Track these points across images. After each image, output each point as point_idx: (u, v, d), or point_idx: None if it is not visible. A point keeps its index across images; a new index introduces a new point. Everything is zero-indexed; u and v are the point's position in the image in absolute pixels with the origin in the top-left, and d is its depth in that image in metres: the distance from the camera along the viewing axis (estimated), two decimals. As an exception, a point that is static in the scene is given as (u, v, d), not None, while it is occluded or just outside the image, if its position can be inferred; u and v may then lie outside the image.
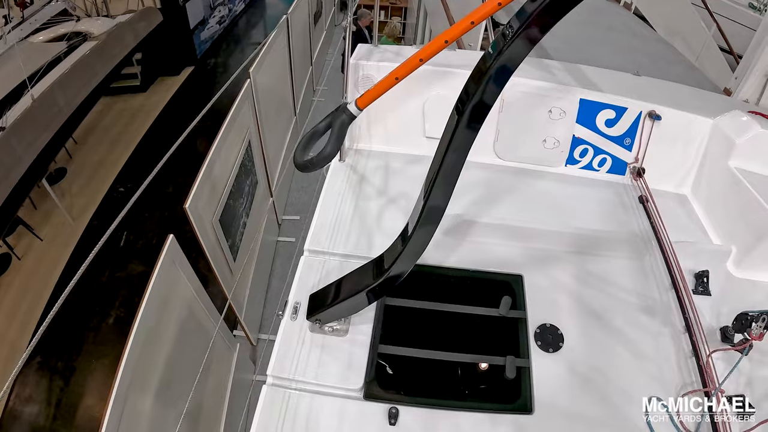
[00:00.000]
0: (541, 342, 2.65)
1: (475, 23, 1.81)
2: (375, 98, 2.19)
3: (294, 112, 8.46)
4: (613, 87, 3.75)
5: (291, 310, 2.63)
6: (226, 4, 17.81)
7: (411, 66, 2.08)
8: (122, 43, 11.55)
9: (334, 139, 2.23)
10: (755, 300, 3.14)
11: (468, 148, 1.98)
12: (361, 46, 3.78)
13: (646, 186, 3.70)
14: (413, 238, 2.17)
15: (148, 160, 10.70)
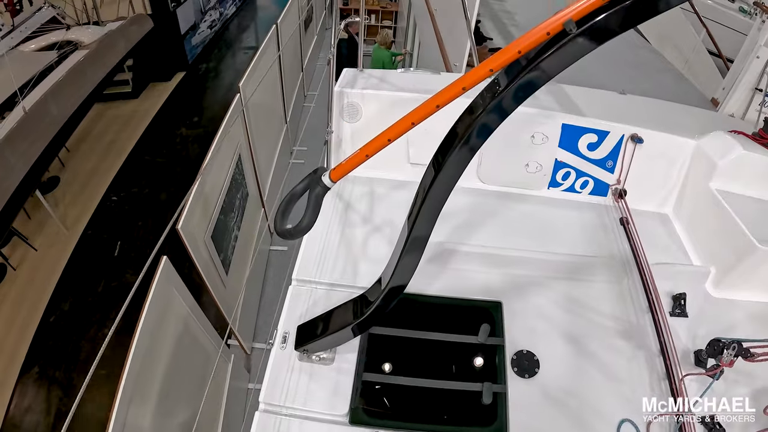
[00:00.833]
0: (518, 368, 2.73)
1: (440, 106, 1.85)
2: (348, 172, 2.27)
3: (285, 120, 8.51)
4: (596, 109, 3.80)
5: (280, 340, 2.72)
6: (217, 8, 17.83)
7: (379, 144, 2.16)
8: (113, 52, 11.54)
9: (310, 212, 2.29)
10: (733, 319, 3.21)
11: (444, 201, 2.06)
12: (347, 71, 3.82)
13: (627, 208, 3.75)
14: (394, 276, 2.26)
15: (141, 167, 10.82)
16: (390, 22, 16.16)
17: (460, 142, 1.83)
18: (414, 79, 3.77)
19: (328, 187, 2.26)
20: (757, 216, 3.33)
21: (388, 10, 16.17)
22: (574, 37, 1.51)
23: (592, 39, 1.54)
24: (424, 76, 3.84)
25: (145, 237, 9.38)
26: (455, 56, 5.08)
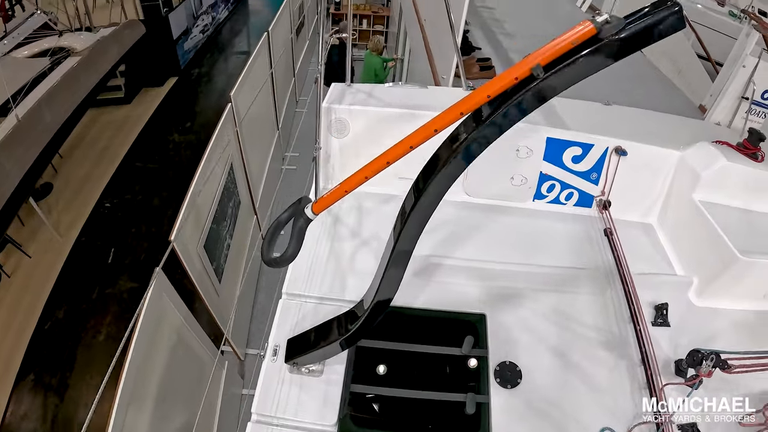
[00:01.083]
0: (500, 379, 2.80)
1: (413, 147, 1.92)
2: (329, 205, 2.34)
3: (277, 126, 8.56)
4: (581, 121, 3.86)
5: (271, 352, 2.80)
6: (210, 12, 17.83)
7: (358, 181, 2.23)
8: (106, 58, 11.54)
9: (294, 244, 2.35)
10: (716, 328, 3.29)
11: (426, 221, 2.13)
12: (335, 86, 3.87)
13: (611, 219, 3.82)
14: (379, 291, 2.34)
15: (134, 174, 10.85)
16: (381, 27, 16.19)
17: (439, 171, 1.89)
18: (401, 94, 3.83)
19: (310, 219, 2.33)
20: (739, 226, 3.41)
21: (379, 14, 16.19)
22: (542, 81, 1.58)
23: (559, 83, 1.61)
24: (412, 91, 3.90)
25: (138, 244, 9.40)
26: (443, 68, 5.14)
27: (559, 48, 1.53)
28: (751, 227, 3.49)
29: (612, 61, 1.54)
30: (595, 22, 1.44)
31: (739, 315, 3.40)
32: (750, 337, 3.27)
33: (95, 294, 8.43)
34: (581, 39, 1.49)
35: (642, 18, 1.45)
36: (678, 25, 1.44)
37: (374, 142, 3.61)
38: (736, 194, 3.61)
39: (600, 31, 1.46)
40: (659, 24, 1.44)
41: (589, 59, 1.52)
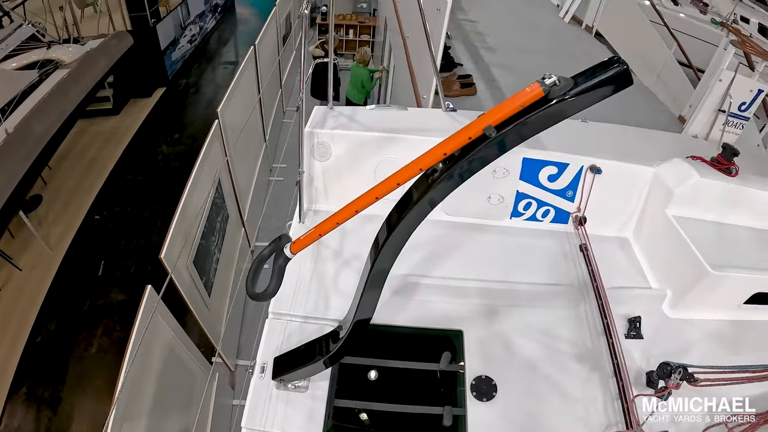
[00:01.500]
0: (477, 392, 2.93)
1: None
2: (306, 246, 2.48)
3: (264, 138, 8.66)
4: (556, 140, 3.93)
5: (259, 370, 2.94)
6: (197, 22, 17.86)
7: (330, 226, 2.38)
8: (94, 70, 11.54)
9: (275, 281, 2.49)
10: (689, 338, 3.43)
11: (400, 248, 2.26)
12: (317, 109, 3.97)
13: (586, 235, 3.93)
14: (358, 312, 2.47)
15: (123, 185, 10.90)
16: (368, 37, 16.26)
17: (410, 209, 2.03)
18: (382, 117, 3.93)
19: (289, 258, 2.46)
20: (712, 240, 3.55)
21: (366, 24, 16.26)
22: (494, 140, 1.71)
23: (511, 141, 1.76)
24: (392, 113, 4.00)
25: (128, 256, 9.47)
26: (424, 87, 5.22)
27: (510, 110, 1.66)
28: (724, 240, 3.62)
29: (562, 118, 1.66)
30: (543, 84, 1.57)
31: (712, 325, 3.54)
32: (722, 346, 3.43)
33: (86, 306, 8.49)
34: (530, 101, 1.63)
35: (590, 78, 1.58)
36: (625, 83, 1.56)
37: (356, 165, 3.75)
38: (709, 208, 3.74)
39: (548, 92, 1.58)
40: (607, 83, 1.57)
41: (539, 118, 1.65)
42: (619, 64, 1.56)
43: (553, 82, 1.58)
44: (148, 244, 9.49)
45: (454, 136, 1.80)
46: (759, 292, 3.52)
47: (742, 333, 3.55)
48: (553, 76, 1.58)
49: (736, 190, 3.73)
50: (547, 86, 1.58)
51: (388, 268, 2.29)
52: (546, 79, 1.58)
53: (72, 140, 11.90)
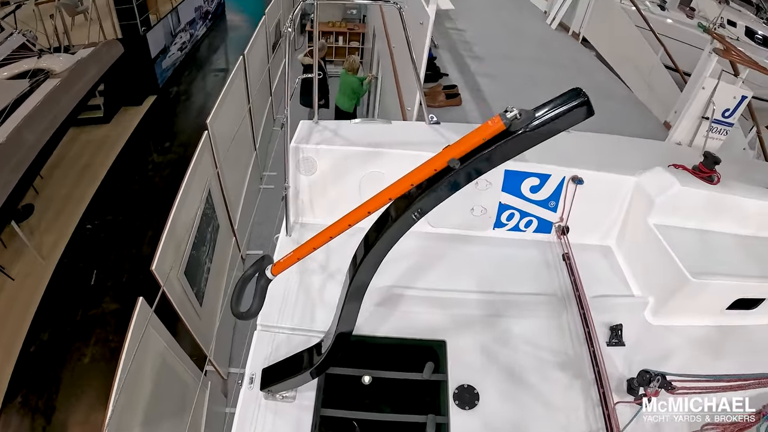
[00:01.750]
0: (459, 401, 3.01)
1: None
2: (286, 268, 2.57)
3: (254, 147, 8.71)
4: (539, 151, 3.93)
5: (248, 381, 3.02)
6: (187, 29, 17.84)
7: (307, 250, 2.47)
8: (85, 79, 11.55)
9: (257, 301, 2.61)
10: (671, 344, 3.52)
11: (373, 272, 2.35)
12: (303, 123, 4.04)
13: (568, 244, 4.01)
14: (339, 325, 2.55)
15: (114, 194, 10.90)
16: (357, 44, 16.27)
17: (386, 230, 2.12)
18: (366, 131, 4.01)
19: (270, 279, 2.55)
20: (693, 248, 3.64)
21: (355, 31, 16.26)
22: (458, 172, 1.81)
23: (474, 171, 1.85)
24: (377, 127, 4.09)
25: (120, 265, 9.49)
26: (409, 99, 5.27)
27: (472, 143, 1.74)
28: (706, 248, 3.71)
29: (525, 149, 1.74)
30: (504, 118, 1.64)
31: (695, 331, 3.63)
32: (704, 352, 3.52)
33: (79, 316, 8.51)
34: (492, 134, 1.71)
35: (551, 109, 1.65)
36: (586, 114, 1.63)
37: (341, 179, 3.83)
38: (691, 216, 3.82)
39: (510, 125, 1.66)
40: (567, 114, 1.63)
41: (501, 150, 1.73)
42: (580, 96, 1.62)
43: (514, 115, 1.65)
44: (140, 254, 9.51)
45: (421, 167, 1.90)
46: (741, 298, 3.60)
47: (726, 338, 3.63)
48: (515, 110, 1.65)
49: (718, 198, 3.80)
50: (508, 119, 1.65)
51: (367, 282, 2.37)
52: (508, 113, 1.65)
53: (63, 149, 11.85)
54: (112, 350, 7.88)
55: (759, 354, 3.49)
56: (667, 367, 3.21)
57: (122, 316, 4.05)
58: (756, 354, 3.50)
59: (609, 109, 7.25)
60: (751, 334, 3.71)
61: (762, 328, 3.77)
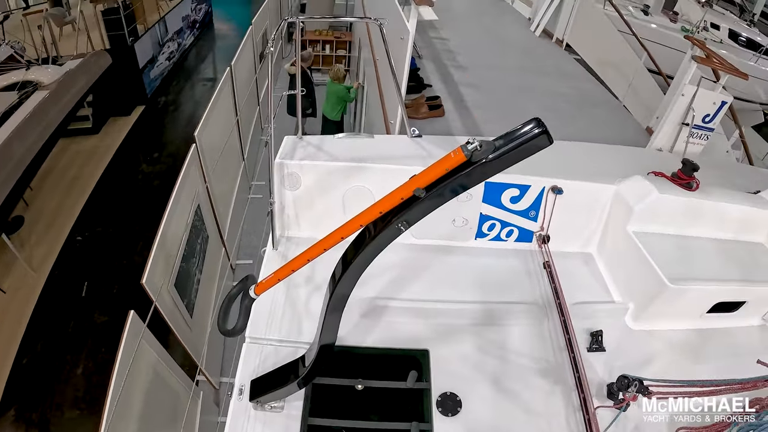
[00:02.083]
0: (442, 408, 3.08)
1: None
2: (268, 288, 2.67)
3: (243, 157, 8.74)
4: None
5: (237, 392, 3.09)
6: (175, 39, 17.93)
7: (286, 272, 2.57)
8: (74, 91, 11.62)
9: (242, 320, 2.74)
10: (651, 348, 3.60)
11: (351, 288, 2.44)
12: (287, 139, 4.09)
13: (549, 253, 4.08)
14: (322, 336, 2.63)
15: (104, 206, 10.92)
16: (344, 52, 16.27)
17: (362, 249, 2.20)
18: (349, 146, 4.07)
19: (253, 299, 2.65)
20: (672, 253, 3.72)
21: (342, 40, 16.19)
22: (423, 200, 1.90)
23: (439, 200, 1.94)
24: (359, 141, 4.14)
25: (111, 277, 9.53)
26: (392, 112, 5.31)
27: (436, 174, 1.84)
28: (685, 253, 3.79)
29: (486, 178, 1.85)
30: (465, 150, 1.73)
31: (676, 335, 3.71)
32: (684, 355, 3.61)
33: (71, 328, 8.57)
34: (454, 165, 1.80)
35: (511, 140, 1.73)
36: (544, 143, 1.71)
37: (325, 194, 3.90)
38: (670, 223, 3.90)
39: (471, 156, 1.75)
40: (526, 144, 1.72)
41: (464, 178, 1.83)
42: (537, 127, 1.71)
43: (474, 147, 1.73)
44: (131, 265, 9.55)
45: (388, 196, 1.99)
46: (721, 302, 3.68)
47: (706, 341, 3.72)
48: (475, 142, 1.73)
49: (697, 204, 3.87)
50: (469, 151, 1.74)
51: (346, 296, 2.47)
52: (469, 144, 1.74)
53: (53, 159, 11.88)
54: (104, 362, 7.94)
55: (739, 356, 3.55)
56: (647, 371, 3.32)
57: (114, 327, 4.10)
58: (737, 356, 3.57)
59: (592, 115, 7.36)
60: (732, 337, 3.79)
61: (743, 330, 3.86)
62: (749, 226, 4.05)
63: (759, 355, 3.62)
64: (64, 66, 11.89)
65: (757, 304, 3.82)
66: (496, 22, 11.32)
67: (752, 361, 3.00)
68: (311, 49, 14.75)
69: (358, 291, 3.43)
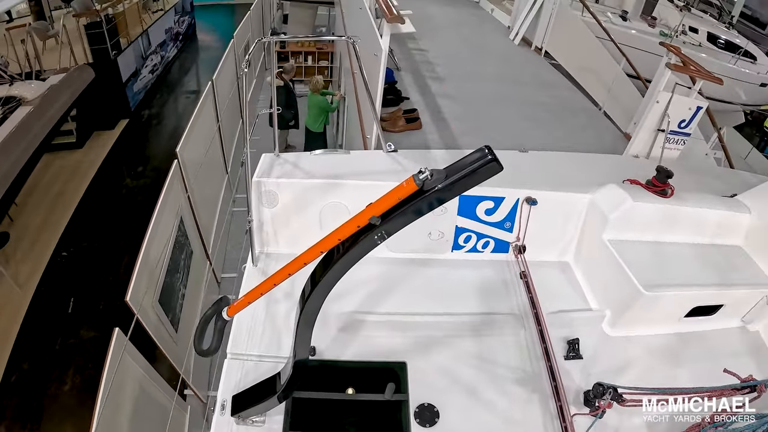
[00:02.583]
0: (420, 419, 3.14)
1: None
2: (240, 310, 2.74)
3: (226, 170, 8.78)
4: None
5: (220, 407, 3.15)
6: (158, 51, 17.94)
7: (257, 295, 2.65)
8: (57, 106, 11.58)
9: (216, 340, 2.81)
10: (629, 354, 3.68)
11: (321, 304, 2.49)
12: (265, 156, 4.17)
13: (525, 263, 4.15)
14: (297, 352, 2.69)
15: (89, 221, 10.89)
16: (327, 63, 16.32)
17: (328, 269, 2.25)
18: (325, 162, 4.15)
19: (227, 320, 2.73)
20: (648, 261, 3.80)
21: (324, 51, 16.35)
22: (380, 226, 1.98)
23: (395, 226, 2.01)
24: (336, 158, 4.22)
25: (97, 292, 9.50)
26: (369, 127, 5.36)
27: (389, 203, 1.93)
28: (660, 259, 3.87)
29: (439, 205, 1.93)
30: (417, 179, 1.81)
31: (652, 340, 3.79)
32: (663, 360, 3.69)
33: (58, 345, 8.54)
34: (406, 194, 1.88)
35: (460, 169, 1.81)
36: (494, 170, 1.80)
37: (302, 211, 3.98)
38: (646, 230, 3.97)
39: (422, 185, 1.83)
40: (476, 172, 1.80)
41: (417, 205, 1.91)
42: (487, 155, 1.79)
43: (425, 176, 1.81)
44: (117, 280, 9.51)
45: (346, 224, 2.06)
46: (699, 306, 3.76)
47: (685, 345, 3.80)
48: (426, 171, 1.81)
49: (672, 211, 3.95)
50: (420, 180, 1.82)
51: (316, 311, 2.51)
52: (420, 174, 1.81)
53: (37, 175, 11.87)
54: (92, 378, 7.87)
55: (717, 359, 3.57)
56: (625, 377, 3.43)
57: (101, 343, 4.15)
58: (715, 359, 3.60)
59: (571, 123, 7.42)
60: (711, 340, 3.87)
61: (722, 333, 3.94)
62: (726, 229, 4.13)
63: (738, 357, 3.76)
64: (48, 81, 11.86)
65: (735, 306, 3.90)
66: (475, 32, 11.40)
67: (731, 363, 3.09)
68: (293, 61, 14.80)
69: (336, 305, 3.54)
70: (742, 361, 3.74)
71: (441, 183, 1.83)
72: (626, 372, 3.55)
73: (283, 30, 17.12)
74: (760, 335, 3.99)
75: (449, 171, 1.83)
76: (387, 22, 4.60)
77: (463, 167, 1.81)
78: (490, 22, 12.20)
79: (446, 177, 1.82)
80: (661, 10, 17.19)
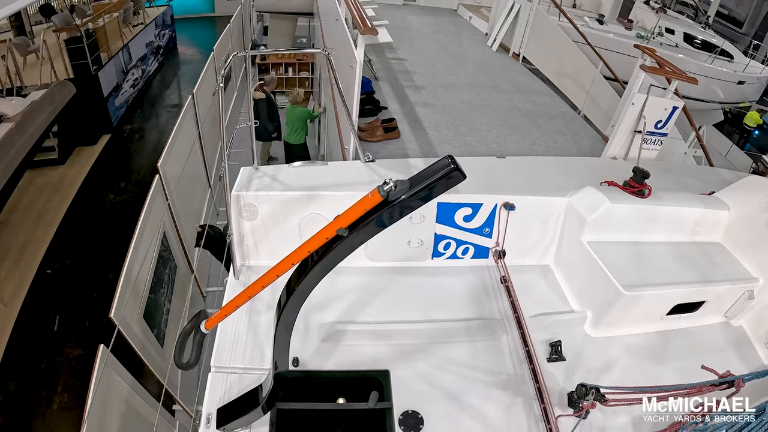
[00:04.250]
0: (404, 426, 3.16)
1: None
2: (219, 322, 2.81)
3: (208, 184, 8.76)
4: (471, 181, 4.06)
5: (205, 421, 3.15)
6: (139, 65, 17.91)
7: (235, 306, 2.69)
8: (38, 122, 11.58)
9: (195, 354, 2.88)
10: (612, 354, 3.72)
11: (297, 312, 2.54)
12: (244, 170, 4.19)
13: (505, 267, 4.19)
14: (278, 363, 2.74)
15: (73, 237, 10.84)
16: (307, 73, 16.42)
17: (302, 278, 2.30)
18: (304, 174, 4.16)
19: (205, 334, 2.76)
20: (627, 261, 3.86)
21: (304, 62, 16.42)
22: (347, 238, 2.03)
23: (362, 237, 2.05)
24: (314, 169, 4.23)
25: (82, 310, 9.47)
26: (347, 137, 5.34)
27: (356, 214, 1.96)
28: (640, 259, 3.93)
29: (405, 214, 1.98)
30: (381, 190, 1.85)
31: (635, 339, 3.84)
32: (646, 358, 3.74)
33: (44, 364, 8.50)
34: (372, 205, 1.92)
35: (425, 179, 1.85)
36: (457, 179, 1.84)
37: (282, 223, 4.00)
38: (624, 230, 4.03)
39: (386, 196, 1.86)
40: (439, 181, 1.84)
41: (383, 216, 1.95)
42: (449, 164, 1.84)
43: (390, 187, 1.84)
44: (102, 297, 9.47)
45: (314, 236, 2.12)
46: (680, 303, 3.82)
47: (668, 342, 3.85)
48: (391, 182, 1.84)
49: (650, 210, 4.02)
50: (385, 191, 1.85)
51: (292, 322, 2.58)
52: (385, 185, 1.85)
53: (20, 191, 11.84)
54: (79, 396, 7.86)
55: (700, 355, 3.69)
56: (609, 377, 3.49)
57: (87, 361, 4.11)
58: (698, 355, 3.69)
59: (549, 128, 7.49)
60: (695, 336, 3.94)
61: (705, 329, 4.01)
62: (705, 227, 4.21)
63: (722, 352, 3.82)
64: (29, 97, 11.87)
65: (716, 302, 3.97)
66: (453, 40, 11.49)
67: (715, 359, 3.14)
68: (274, 73, 14.81)
69: (318, 316, 3.57)
70: (727, 356, 3.81)
71: (405, 194, 1.86)
72: (609, 372, 3.59)
73: (264, 42, 17.20)
74: (743, 329, 4.06)
75: (413, 181, 1.87)
76: (361, 33, 4.64)
77: (426, 177, 1.86)
78: (468, 29, 12.32)
79: (410, 187, 1.86)
80: (638, 12, 17.40)
